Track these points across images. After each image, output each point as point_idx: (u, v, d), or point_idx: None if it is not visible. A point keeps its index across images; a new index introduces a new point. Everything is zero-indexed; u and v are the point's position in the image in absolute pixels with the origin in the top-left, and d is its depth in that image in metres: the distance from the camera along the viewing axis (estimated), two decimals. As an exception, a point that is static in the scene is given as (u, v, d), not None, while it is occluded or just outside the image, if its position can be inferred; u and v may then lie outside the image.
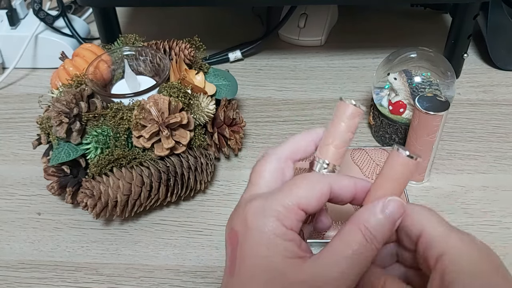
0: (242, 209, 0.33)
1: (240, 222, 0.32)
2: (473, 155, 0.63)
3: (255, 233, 0.31)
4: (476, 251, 0.31)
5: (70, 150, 0.53)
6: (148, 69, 0.62)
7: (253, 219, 0.31)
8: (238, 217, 0.33)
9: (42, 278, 0.52)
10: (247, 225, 0.31)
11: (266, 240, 0.31)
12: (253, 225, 0.31)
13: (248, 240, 0.31)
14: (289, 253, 0.31)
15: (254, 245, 0.31)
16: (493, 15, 0.72)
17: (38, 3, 0.75)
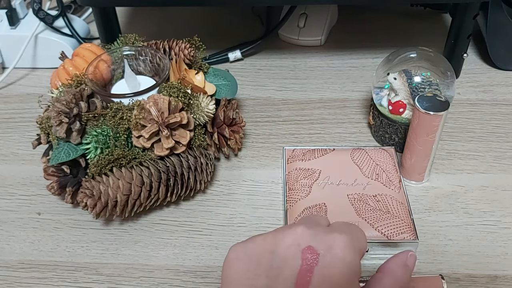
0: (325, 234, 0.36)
1: (325, 246, 0.35)
2: (472, 155, 0.63)
3: (344, 265, 0.34)
4: None
5: (70, 150, 0.53)
6: (148, 69, 0.62)
7: (344, 252, 0.35)
8: (321, 240, 0.35)
9: (42, 278, 0.52)
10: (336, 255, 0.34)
11: (350, 276, 0.35)
12: (344, 256, 0.35)
13: (335, 267, 0.34)
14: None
15: (339, 274, 0.34)
16: (493, 15, 0.72)
17: (37, 3, 0.75)
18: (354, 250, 0.35)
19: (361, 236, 0.37)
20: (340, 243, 0.34)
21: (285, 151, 0.61)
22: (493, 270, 0.51)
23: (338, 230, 0.36)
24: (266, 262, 0.34)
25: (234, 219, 0.57)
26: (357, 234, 0.37)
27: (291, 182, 0.57)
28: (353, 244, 0.35)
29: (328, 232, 0.35)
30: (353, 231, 0.37)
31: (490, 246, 0.53)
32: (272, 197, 0.59)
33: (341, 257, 0.34)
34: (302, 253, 0.34)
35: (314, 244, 0.34)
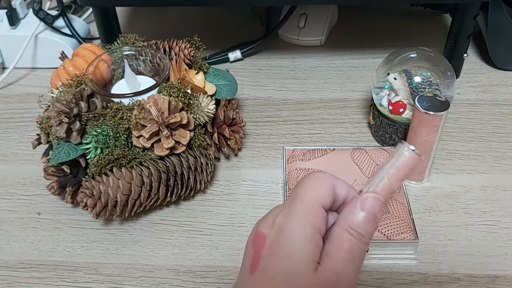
0: (272, 215, 0.35)
1: (269, 226, 0.34)
2: (473, 155, 0.63)
3: (287, 236, 0.33)
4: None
5: (70, 150, 0.53)
6: (148, 69, 0.62)
7: (286, 224, 0.33)
8: (267, 222, 0.35)
9: (42, 278, 0.52)
10: (279, 229, 0.33)
11: (296, 242, 0.32)
12: (286, 229, 0.33)
13: (279, 242, 0.33)
14: (313, 256, 0.32)
15: (284, 247, 0.33)
16: (493, 15, 0.72)
17: (38, 3, 0.75)
18: (296, 215, 0.33)
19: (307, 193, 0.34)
20: (282, 219, 0.34)
21: (285, 151, 0.61)
22: (493, 270, 0.51)
23: (283, 204, 0.35)
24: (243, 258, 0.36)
25: (234, 219, 0.57)
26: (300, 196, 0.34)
27: (291, 182, 0.57)
28: (293, 211, 0.33)
29: (275, 211, 0.35)
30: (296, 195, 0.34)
31: (490, 246, 0.53)
32: (272, 197, 0.59)
33: (282, 230, 0.33)
34: (253, 242, 0.35)
35: (261, 227, 0.35)
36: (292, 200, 0.35)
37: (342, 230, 0.33)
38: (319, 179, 0.35)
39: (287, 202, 0.35)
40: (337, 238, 0.33)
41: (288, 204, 0.35)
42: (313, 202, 0.34)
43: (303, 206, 0.34)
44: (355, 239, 0.33)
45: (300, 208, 0.34)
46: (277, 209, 0.36)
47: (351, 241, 0.33)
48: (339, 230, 0.33)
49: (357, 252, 0.33)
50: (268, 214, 0.36)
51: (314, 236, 0.33)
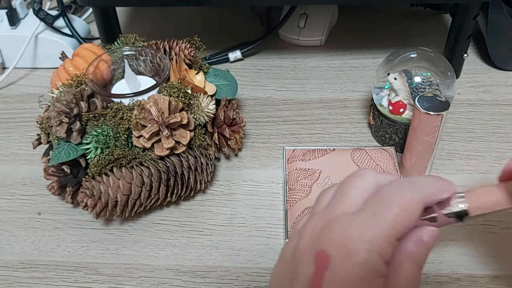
0: (339, 230, 0.32)
1: (337, 247, 0.32)
2: (473, 155, 0.63)
3: (356, 266, 0.31)
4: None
5: (70, 150, 0.53)
6: (148, 69, 0.62)
7: (357, 251, 0.31)
8: (333, 240, 0.32)
9: (42, 278, 0.52)
10: (348, 254, 0.31)
11: (365, 277, 0.31)
12: (356, 258, 0.31)
13: (346, 269, 0.31)
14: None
15: (351, 277, 0.31)
16: (493, 15, 0.72)
17: (38, 3, 0.75)
18: (369, 245, 0.31)
19: (390, 223, 0.31)
20: (351, 241, 0.31)
21: (285, 151, 0.61)
22: (493, 270, 0.51)
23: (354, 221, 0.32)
24: (290, 264, 0.34)
25: (234, 219, 0.57)
26: (380, 219, 0.31)
27: (291, 182, 0.57)
28: (367, 238, 0.31)
29: (344, 226, 0.32)
30: (376, 216, 0.32)
31: (490, 246, 0.53)
32: (272, 197, 0.59)
33: (351, 257, 0.31)
34: (315, 259, 0.32)
35: (326, 246, 0.32)
36: (369, 220, 0.32)
37: (404, 259, 0.33)
38: (410, 209, 0.32)
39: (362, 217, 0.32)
40: (400, 266, 0.33)
41: (362, 224, 0.32)
42: (392, 235, 0.32)
43: (381, 237, 0.31)
44: (415, 267, 0.33)
45: (375, 238, 0.31)
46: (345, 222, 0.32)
47: (413, 269, 0.33)
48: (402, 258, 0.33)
49: (417, 279, 0.33)
50: (334, 226, 0.33)
51: (383, 269, 0.32)
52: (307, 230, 0.34)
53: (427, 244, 0.34)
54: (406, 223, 0.32)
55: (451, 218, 0.34)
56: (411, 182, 0.34)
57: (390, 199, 0.32)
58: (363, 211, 0.33)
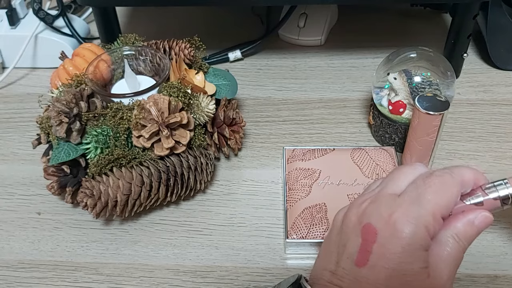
0: (387, 208, 0.34)
1: (384, 222, 0.34)
2: (472, 155, 0.63)
3: (403, 240, 0.33)
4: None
5: (70, 150, 0.53)
6: (148, 68, 0.62)
7: (404, 226, 0.33)
8: (380, 215, 0.34)
9: (42, 277, 0.52)
10: (395, 229, 0.33)
11: (411, 250, 0.33)
12: (403, 232, 0.33)
13: (393, 243, 0.33)
14: (425, 263, 0.33)
15: (399, 250, 0.33)
16: (492, 15, 0.72)
17: (37, 2, 0.75)
18: (416, 220, 0.33)
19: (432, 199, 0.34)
20: (398, 216, 0.33)
21: (285, 151, 0.61)
22: (493, 270, 0.51)
23: (402, 199, 0.35)
24: (336, 238, 0.36)
25: (234, 219, 0.57)
26: (425, 198, 0.34)
27: (291, 182, 0.57)
28: (414, 214, 0.33)
29: (391, 204, 0.35)
30: (420, 195, 0.34)
31: (490, 246, 0.53)
32: (272, 197, 0.59)
33: (398, 231, 0.33)
34: (361, 232, 0.34)
35: (373, 220, 0.34)
36: (415, 200, 0.34)
37: (449, 237, 0.35)
38: (449, 187, 0.35)
39: (407, 197, 0.35)
40: (444, 243, 0.35)
41: (409, 203, 0.34)
42: (436, 212, 0.34)
43: (426, 214, 0.33)
44: (460, 247, 0.35)
45: (422, 214, 0.33)
46: (392, 200, 0.35)
47: (457, 248, 0.35)
48: (447, 236, 0.35)
49: (459, 259, 0.35)
50: (381, 202, 0.35)
51: (428, 244, 0.34)
52: (354, 206, 0.36)
53: (477, 227, 0.35)
54: (446, 201, 0.34)
55: (497, 201, 0.36)
56: (449, 169, 0.36)
57: (430, 180, 0.35)
58: (407, 192, 0.35)
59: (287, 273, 0.51)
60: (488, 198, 0.36)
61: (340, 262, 0.35)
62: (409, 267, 0.33)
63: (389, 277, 0.33)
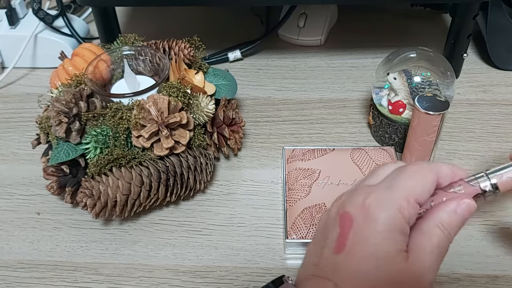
0: (362, 195, 0.35)
1: (358, 208, 0.34)
2: (472, 155, 0.63)
3: (377, 223, 0.33)
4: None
5: (70, 150, 0.53)
6: (148, 68, 0.62)
7: (376, 210, 0.34)
8: (355, 203, 0.35)
9: (41, 278, 0.52)
10: (369, 214, 0.34)
11: (386, 232, 0.33)
12: (376, 215, 0.33)
13: (368, 227, 0.33)
14: (401, 246, 0.34)
15: (373, 233, 0.33)
16: (492, 15, 0.72)
17: (37, 2, 0.75)
18: (388, 203, 0.34)
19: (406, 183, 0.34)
20: (371, 201, 0.34)
21: (284, 151, 0.61)
22: (493, 270, 0.51)
23: (376, 186, 0.35)
24: (321, 233, 0.37)
25: (234, 219, 0.57)
26: (398, 183, 0.35)
27: (290, 182, 0.57)
28: (386, 198, 0.34)
29: (365, 191, 0.35)
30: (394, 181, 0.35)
31: (490, 246, 0.53)
32: (271, 197, 0.59)
33: (371, 215, 0.33)
34: (339, 221, 0.35)
35: (349, 208, 0.35)
36: (389, 186, 0.35)
37: (433, 226, 0.35)
38: (423, 173, 0.35)
39: (382, 184, 0.35)
40: (428, 232, 0.35)
41: (383, 188, 0.35)
42: (410, 195, 0.34)
43: (399, 197, 0.34)
44: (444, 235, 0.35)
45: (395, 197, 0.34)
46: (367, 188, 0.35)
47: (441, 237, 0.35)
48: (431, 226, 0.35)
49: (444, 248, 0.35)
50: (357, 191, 0.36)
51: (404, 228, 0.34)
52: (336, 200, 0.38)
53: (461, 215, 0.35)
54: (421, 185, 0.35)
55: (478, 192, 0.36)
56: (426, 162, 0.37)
57: (406, 168, 0.36)
58: (383, 181, 0.36)
59: (287, 273, 0.51)
60: (469, 188, 0.36)
61: (322, 254, 0.36)
62: (385, 250, 0.33)
63: (364, 260, 0.33)
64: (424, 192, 0.35)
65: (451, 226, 0.35)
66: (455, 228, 0.36)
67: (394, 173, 0.36)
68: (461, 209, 0.36)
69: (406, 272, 0.33)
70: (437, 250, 0.35)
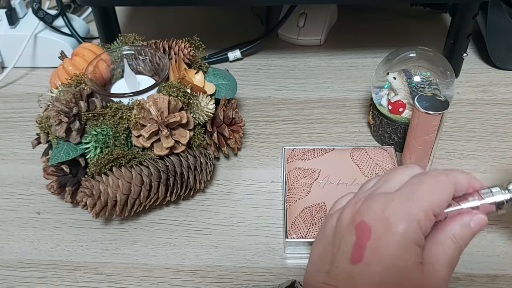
0: (380, 205, 0.35)
1: (377, 218, 0.34)
2: (472, 155, 0.63)
3: (396, 235, 0.33)
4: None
5: (70, 150, 0.53)
6: (148, 68, 0.62)
7: (396, 221, 0.33)
8: (373, 212, 0.35)
9: (41, 277, 0.52)
10: (388, 225, 0.34)
11: (405, 244, 0.33)
12: (395, 227, 0.33)
13: (386, 238, 0.33)
14: (418, 258, 0.34)
15: (392, 245, 0.33)
16: (492, 15, 0.72)
17: (37, 2, 0.75)
18: (408, 216, 0.34)
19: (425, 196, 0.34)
20: (391, 212, 0.34)
21: (284, 150, 0.61)
22: (493, 269, 0.51)
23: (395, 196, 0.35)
24: (331, 239, 0.37)
25: (234, 219, 0.57)
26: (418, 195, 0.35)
27: (290, 181, 0.57)
28: (406, 210, 0.34)
29: (384, 201, 0.35)
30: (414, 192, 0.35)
31: (490, 246, 0.53)
32: (271, 196, 0.59)
33: (391, 226, 0.33)
34: (355, 229, 0.35)
35: (367, 217, 0.35)
36: (408, 196, 0.35)
37: (447, 238, 0.36)
38: (441, 185, 0.35)
39: (400, 194, 0.35)
40: (442, 244, 0.35)
41: (403, 199, 0.35)
42: (429, 207, 0.34)
43: (419, 209, 0.34)
44: (456, 247, 0.35)
45: (415, 209, 0.34)
46: (385, 197, 0.35)
47: (454, 249, 0.35)
48: (444, 237, 0.36)
49: (455, 260, 0.35)
50: (375, 199, 0.35)
51: (421, 240, 0.34)
52: (349, 206, 0.37)
53: (472, 230, 0.36)
54: (440, 198, 0.35)
55: (492, 205, 0.37)
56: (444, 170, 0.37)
57: (424, 178, 0.36)
58: (401, 190, 0.36)
59: (286, 273, 0.52)
60: (484, 202, 0.37)
61: (334, 262, 0.35)
62: (403, 262, 0.33)
63: (383, 272, 0.33)
64: (442, 206, 0.35)
65: (463, 239, 0.36)
66: (466, 241, 0.36)
67: (412, 181, 0.36)
68: (474, 224, 0.36)
69: (423, 284, 0.34)
70: (450, 262, 0.35)
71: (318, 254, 0.38)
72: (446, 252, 0.35)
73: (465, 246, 0.36)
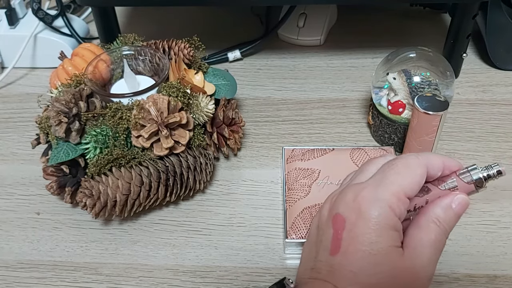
0: (351, 194, 0.35)
1: (350, 207, 0.35)
2: (472, 155, 0.63)
3: (369, 221, 0.34)
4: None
5: (69, 150, 0.53)
6: (147, 68, 0.62)
7: (367, 208, 0.34)
8: (346, 203, 0.35)
9: (41, 278, 0.52)
10: (360, 213, 0.34)
11: (379, 230, 0.34)
12: (367, 213, 0.34)
13: (360, 226, 0.34)
14: (394, 242, 0.34)
15: (366, 231, 0.34)
16: (492, 15, 0.72)
17: (37, 2, 0.75)
18: (379, 201, 0.34)
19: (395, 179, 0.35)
20: (361, 200, 0.34)
21: (284, 151, 0.61)
22: (493, 270, 0.51)
23: (366, 184, 0.35)
24: (315, 237, 0.37)
25: (234, 219, 0.57)
26: (388, 180, 0.35)
27: (290, 182, 0.57)
28: (376, 196, 0.34)
29: (355, 190, 0.35)
30: (384, 178, 0.35)
31: (489, 246, 0.53)
32: (271, 197, 0.59)
33: (363, 213, 0.34)
34: (332, 222, 0.35)
35: (341, 209, 0.35)
36: (378, 183, 0.35)
37: (430, 222, 0.36)
38: (411, 167, 0.35)
39: (371, 181, 0.36)
40: (425, 228, 0.35)
41: (372, 186, 0.35)
42: (399, 191, 0.34)
43: (389, 193, 0.34)
44: (441, 230, 0.35)
45: (385, 194, 0.34)
46: (356, 186, 0.36)
47: (438, 232, 0.35)
48: (427, 221, 0.36)
49: (441, 243, 0.36)
50: (347, 190, 0.36)
51: (396, 223, 0.34)
52: (327, 202, 0.38)
53: (454, 211, 0.36)
54: (410, 180, 0.35)
55: (471, 184, 0.37)
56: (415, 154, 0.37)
57: (394, 163, 0.36)
58: (373, 177, 0.36)
59: (286, 273, 0.51)
60: (462, 182, 0.37)
61: (317, 257, 0.36)
62: (379, 247, 0.33)
63: (361, 259, 0.33)
64: (414, 186, 0.35)
65: (446, 221, 0.36)
66: (451, 223, 0.36)
67: (383, 168, 0.36)
68: (456, 204, 0.36)
69: (403, 266, 0.34)
70: (435, 245, 0.35)
71: (306, 253, 0.38)
72: (429, 235, 0.35)
73: (450, 228, 0.36)
